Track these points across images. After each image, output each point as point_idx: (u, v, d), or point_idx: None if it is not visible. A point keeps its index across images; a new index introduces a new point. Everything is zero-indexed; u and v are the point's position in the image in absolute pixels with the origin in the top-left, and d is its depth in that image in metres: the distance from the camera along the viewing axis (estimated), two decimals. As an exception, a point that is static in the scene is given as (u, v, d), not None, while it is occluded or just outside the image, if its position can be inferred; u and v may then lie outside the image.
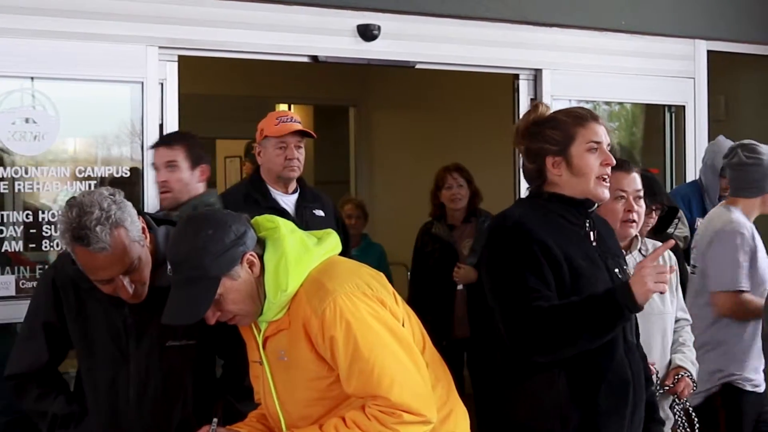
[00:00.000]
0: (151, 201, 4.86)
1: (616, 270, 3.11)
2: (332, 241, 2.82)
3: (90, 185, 4.81)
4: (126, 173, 4.92)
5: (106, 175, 4.87)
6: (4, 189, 4.62)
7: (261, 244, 2.73)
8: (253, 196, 4.71)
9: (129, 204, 2.89)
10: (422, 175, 6.79)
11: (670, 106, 6.75)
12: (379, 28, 5.45)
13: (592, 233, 3.13)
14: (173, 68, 4.98)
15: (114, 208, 2.80)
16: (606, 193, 3.10)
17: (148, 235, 2.92)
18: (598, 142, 3.07)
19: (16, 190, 4.64)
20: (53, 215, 4.69)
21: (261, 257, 2.71)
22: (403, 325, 2.74)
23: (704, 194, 5.97)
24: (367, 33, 5.43)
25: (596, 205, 3.14)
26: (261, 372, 2.81)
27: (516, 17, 5.91)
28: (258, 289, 2.70)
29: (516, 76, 6.04)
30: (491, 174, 6.71)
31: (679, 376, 3.86)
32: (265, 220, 2.79)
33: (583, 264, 3.03)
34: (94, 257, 2.79)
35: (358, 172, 9.55)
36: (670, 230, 5.48)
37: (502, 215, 3.18)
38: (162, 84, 4.94)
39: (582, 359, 3.01)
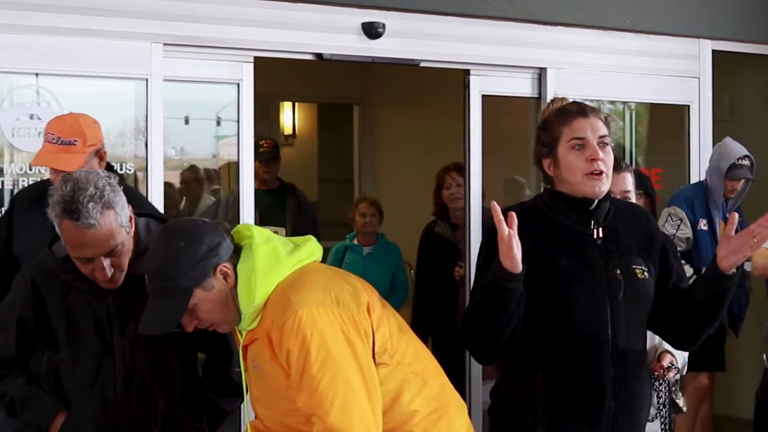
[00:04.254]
0: (156, 197, 4.86)
1: (618, 270, 3.05)
2: (309, 248, 2.81)
3: (94, 182, 4.81)
4: (130, 170, 4.92)
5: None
6: (8, 185, 4.62)
7: (238, 253, 2.75)
8: (37, 199, 4.17)
9: (121, 190, 2.93)
10: (427, 174, 6.79)
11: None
12: (383, 26, 5.45)
13: (596, 231, 3.07)
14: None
15: (108, 189, 2.86)
16: (598, 189, 3.02)
17: (133, 224, 2.96)
18: (580, 139, 3.02)
19: (20, 186, 4.65)
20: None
21: (237, 267, 2.73)
22: (374, 334, 2.71)
23: (708, 195, 5.96)
24: (372, 31, 5.43)
25: (595, 201, 3.06)
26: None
27: (521, 16, 5.91)
28: (234, 298, 2.72)
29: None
30: (495, 172, 6.71)
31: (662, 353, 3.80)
32: (244, 228, 2.81)
33: (569, 264, 3.01)
34: (82, 233, 2.82)
35: (362, 170, 9.54)
36: (672, 231, 5.48)
37: None
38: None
39: (558, 361, 3.02)
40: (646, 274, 3.10)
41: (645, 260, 3.12)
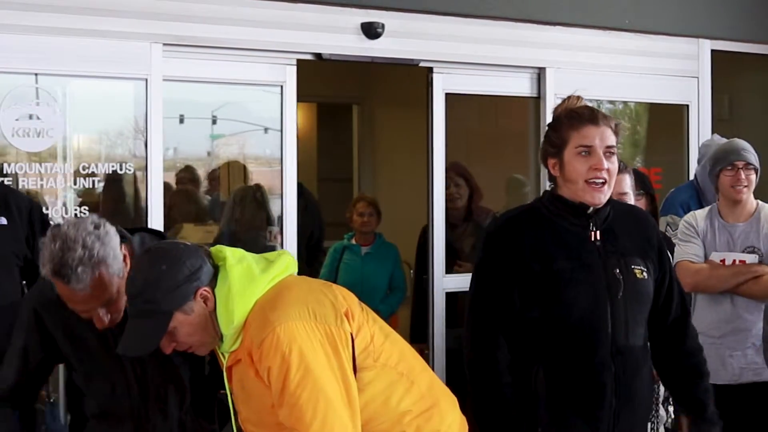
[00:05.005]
0: (154, 198, 4.86)
1: (617, 270, 3.08)
2: (283, 263, 2.80)
3: (93, 182, 4.82)
4: (129, 170, 4.93)
5: (110, 172, 4.88)
6: (8, 185, 4.62)
7: (216, 276, 2.75)
8: None
9: (112, 234, 2.85)
10: (425, 174, 6.78)
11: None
12: (383, 26, 5.46)
13: (594, 233, 3.11)
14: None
15: (97, 245, 2.79)
16: (598, 198, 3.07)
17: (128, 264, 2.88)
18: (588, 146, 3.05)
19: (20, 186, 4.65)
20: (56, 211, 4.70)
21: (215, 290, 2.73)
22: (354, 339, 2.72)
23: (701, 195, 5.90)
24: (371, 31, 5.44)
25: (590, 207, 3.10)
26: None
27: (520, 16, 5.92)
28: (213, 321, 2.72)
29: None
30: (496, 171, 6.71)
31: None
32: (217, 251, 2.80)
33: (567, 265, 3.05)
34: (73, 293, 2.80)
35: (361, 169, 9.55)
36: (675, 241, 5.46)
37: (495, 218, 3.28)
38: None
39: (559, 359, 3.06)
40: (645, 274, 3.14)
41: (644, 260, 3.16)
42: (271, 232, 5.86)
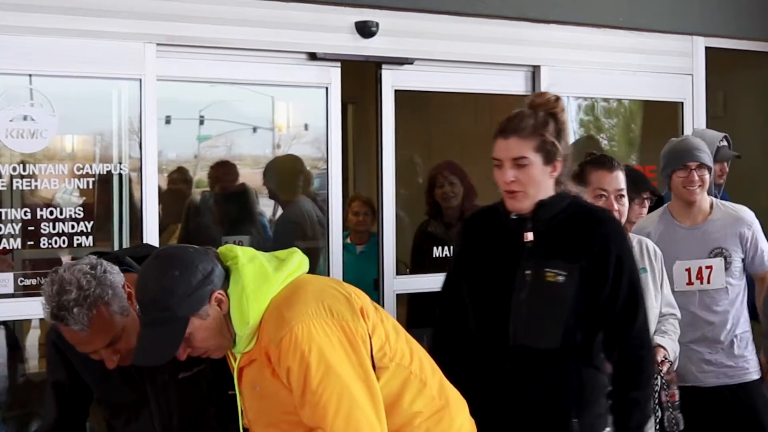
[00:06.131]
0: (150, 198, 4.85)
1: (528, 271, 3.17)
2: (295, 261, 2.78)
3: (88, 182, 4.81)
4: (124, 170, 4.92)
5: (105, 173, 4.87)
6: (2, 186, 4.62)
7: (227, 276, 2.71)
8: None
9: (112, 273, 2.80)
10: (422, 173, 6.79)
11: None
12: (377, 24, 5.45)
13: (527, 235, 3.20)
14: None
15: (93, 284, 2.74)
16: (512, 205, 3.22)
17: (134, 301, 2.82)
18: (497, 159, 3.22)
19: (14, 188, 4.65)
20: (51, 212, 4.69)
21: (228, 291, 2.70)
22: (371, 338, 2.70)
23: None
24: (365, 30, 5.44)
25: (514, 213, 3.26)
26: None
27: (515, 14, 5.92)
28: (227, 323, 2.69)
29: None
30: (491, 170, 6.70)
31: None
32: (227, 250, 2.77)
33: (486, 262, 3.25)
34: (74, 335, 2.77)
35: (357, 169, 9.53)
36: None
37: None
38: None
39: (477, 339, 3.30)
40: (560, 278, 3.15)
41: (570, 264, 3.15)
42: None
